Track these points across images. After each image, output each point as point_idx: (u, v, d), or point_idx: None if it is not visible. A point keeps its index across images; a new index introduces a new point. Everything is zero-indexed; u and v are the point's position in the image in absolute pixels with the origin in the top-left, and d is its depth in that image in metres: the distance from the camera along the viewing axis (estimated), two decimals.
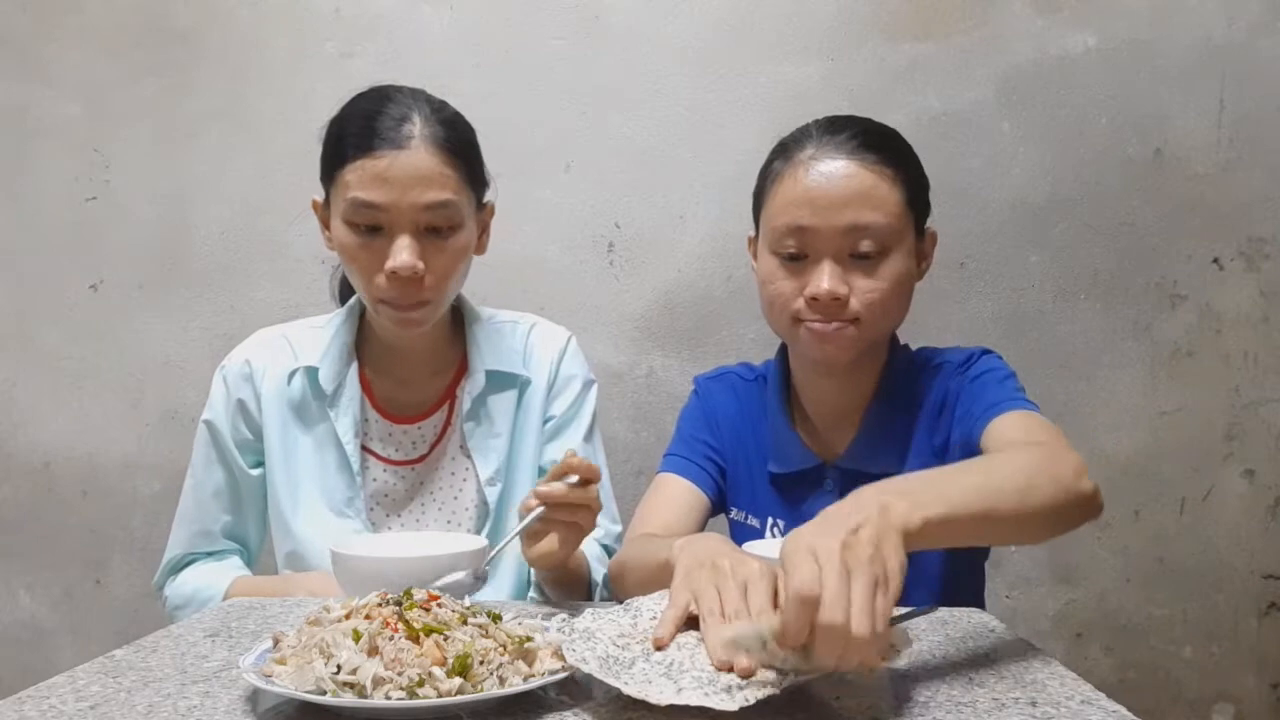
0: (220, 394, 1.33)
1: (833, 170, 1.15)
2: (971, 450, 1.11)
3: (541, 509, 1.03)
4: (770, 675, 0.71)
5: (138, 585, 1.93)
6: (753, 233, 1.28)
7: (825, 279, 1.13)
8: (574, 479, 1.02)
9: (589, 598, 1.26)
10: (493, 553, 1.06)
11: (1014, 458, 0.97)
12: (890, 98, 1.84)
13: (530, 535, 1.07)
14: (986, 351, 1.23)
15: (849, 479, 1.20)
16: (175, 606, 1.31)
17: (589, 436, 1.39)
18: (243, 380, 1.32)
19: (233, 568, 1.33)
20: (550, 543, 1.06)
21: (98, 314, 1.94)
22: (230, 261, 1.92)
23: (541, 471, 1.36)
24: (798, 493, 1.24)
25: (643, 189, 1.89)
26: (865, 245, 1.13)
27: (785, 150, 1.22)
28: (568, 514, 1.04)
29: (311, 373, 1.30)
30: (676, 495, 1.27)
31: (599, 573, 1.27)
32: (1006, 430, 1.08)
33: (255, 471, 1.33)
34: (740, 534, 1.27)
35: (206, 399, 1.34)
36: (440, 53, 1.88)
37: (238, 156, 1.92)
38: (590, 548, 1.29)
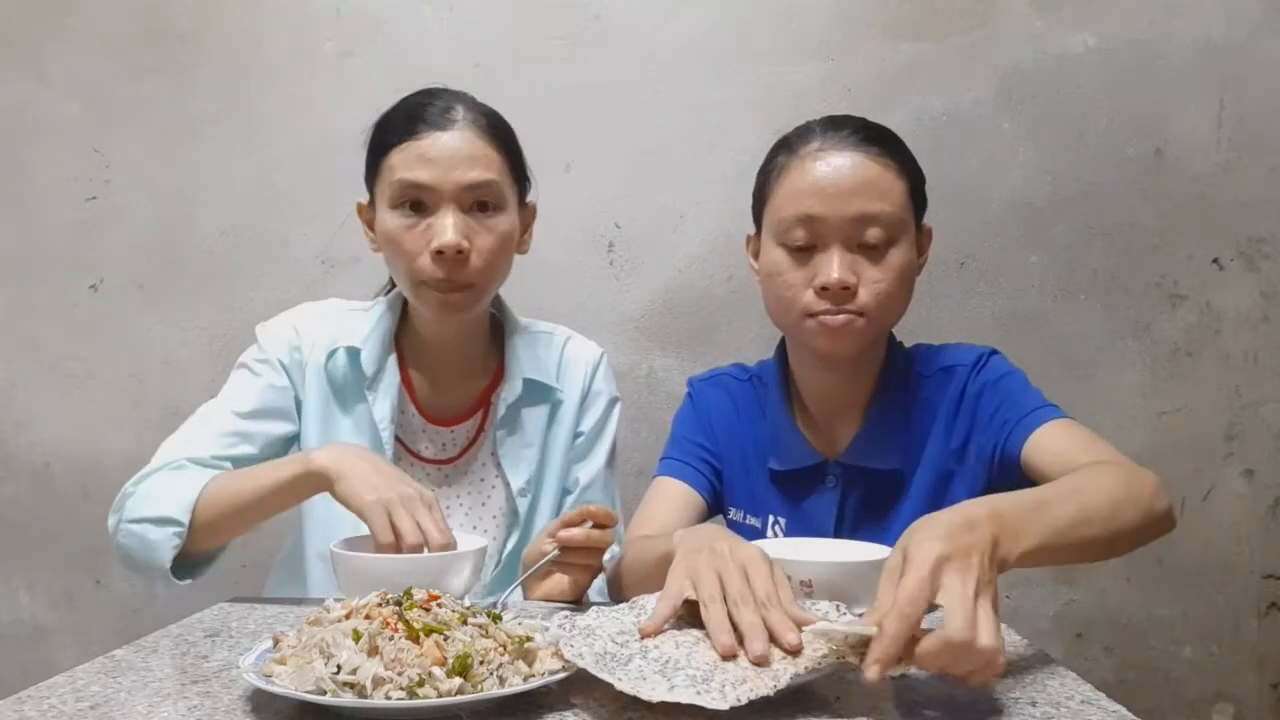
0: (269, 346, 1.30)
1: (840, 161, 1.16)
2: (1010, 460, 1.12)
3: (555, 552, 1.07)
4: (765, 677, 0.71)
5: (138, 585, 1.93)
6: (752, 232, 1.28)
7: (835, 268, 1.13)
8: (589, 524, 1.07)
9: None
10: (505, 594, 1.07)
11: (1100, 483, 0.98)
12: (890, 98, 1.84)
13: (536, 576, 1.11)
14: (994, 352, 1.24)
15: (851, 475, 1.22)
16: (127, 509, 1.15)
17: (610, 461, 1.40)
18: (288, 347, 1.30)
19: (204, 475, 1.15)
20: (558, 584, 1.12)
21: (98, 314, 1.94)
22: (230, 261, 1.92)
23: (565, 491, 1.37)
24: (799, 490, 1.24)
25: (643, 189, 1.89)
26: (873, 234, 1.14)
27: (788, 145, 1.22)
28: (582, 556, 1.08)
29: (353, 353, 1.30)
30: (672, 497, 1.28)
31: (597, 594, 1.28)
32: (1061, 444, 1.10)
33: (286, 427, 1.29)
34: (740, 534, 1.26)
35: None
36: (440, 53, 1.88)
37: (238, 156, 1.92)
38: None
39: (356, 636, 0.75)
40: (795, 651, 0.74)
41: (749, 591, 0.78)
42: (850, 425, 1.24)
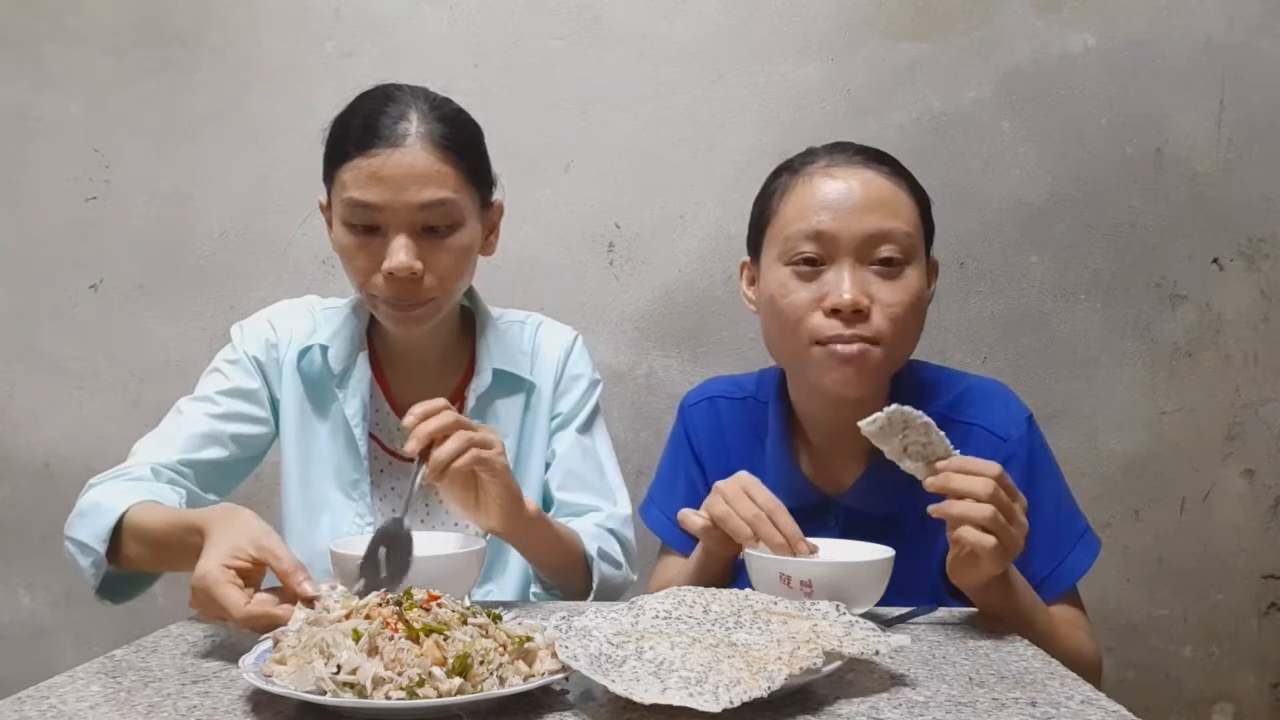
0: (242, 345, 1.31)
1: (850, 177, 1.11)
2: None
3: (422, 466, 1.03)
4: (759, 679, 0.71)
5: None
6: (747, 258, 1.24)
7: (847, 287, 1.08)
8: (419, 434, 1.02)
9: (587, 571, 1.24)
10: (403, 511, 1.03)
11: (1080, 643, 1.11)
12: (890, 98, 1.84)
13: (470, 508, 1.08)
14: (1030, 421, 1.17)
15: (853, 517, 1.17)
16: (69, 523, 1.14)
17: (584, 428, 1.37)
18: (264, 345, 1.30)
19: (146, 490, 1.12)
20: (485, 499, 1.07)
21: (98, 314, 1.94)
22: (230, 261, 1.92)
23: (548, 467, 1.36)
24: (799, 525, 1.19)
25: (643, 189, 1.89)
26: (887, 251, 1.09)
27: (791, 166, 1.18)
28: (465, 460, 1.03)
29: (325, 350, 1.30)
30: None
31: (593, 546, 1.24)
32: (1065, 614, 1.14)
33: (258, 429, 1.29)
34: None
35: None
36: (440, 53, 1.88)
37: (238, 156, 1.92)
38: (585, 525, 1.28)
39: (356, 636, 0.75)
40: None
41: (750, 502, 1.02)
42: (854, 462, 1.18)
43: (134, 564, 1.10)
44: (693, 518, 1.06)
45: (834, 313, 1.09)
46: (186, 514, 1.04)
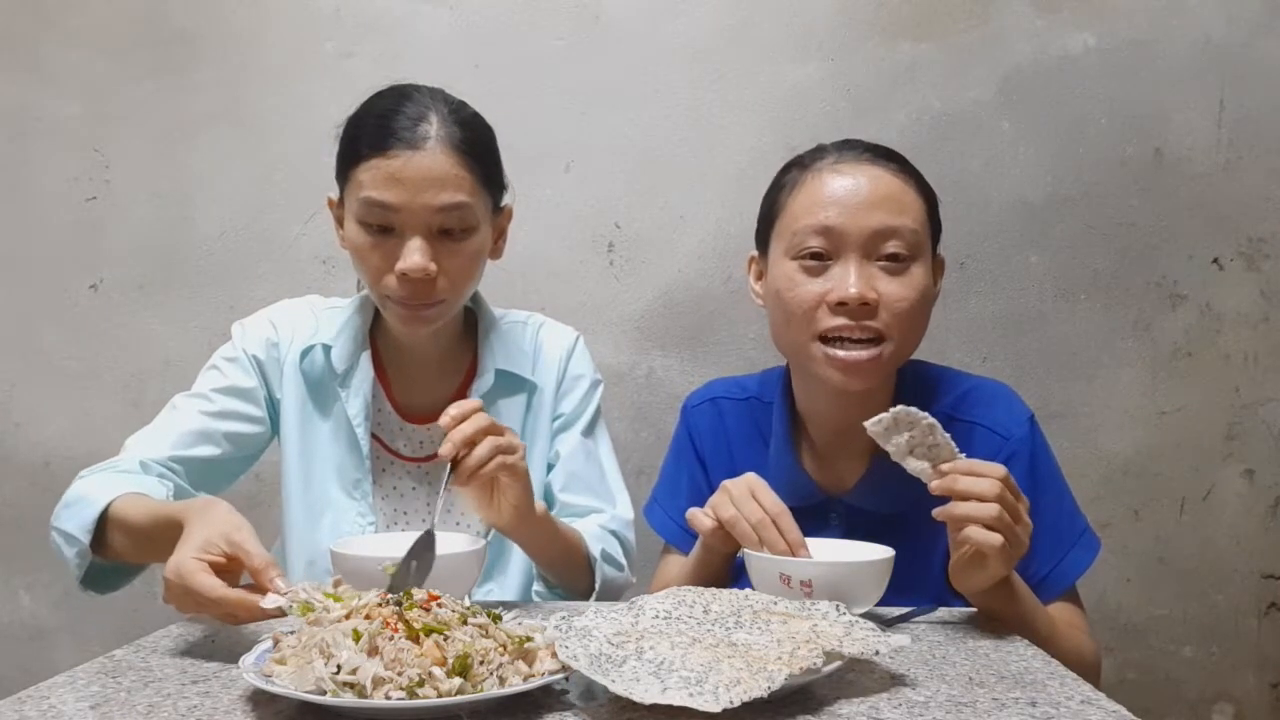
0: (241, 343, 1.31)
1: (859, 173, 1.13)
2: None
3: (449, 470, 1.04)
4: (759, 679, 0.71)
5: (138, 585, 1.91)
6: (755, 253, 1.25)
7: (853, 281, 1.09)
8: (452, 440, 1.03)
9: (589, 571, 1.24)
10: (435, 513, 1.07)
11: (1080, 644, 1.11)
12: (890, 98, 1.84)
13: (484, 506, 1.09)
14: (1033, 422, 1.18)
15: (856, 516, 1.17)
16: (55, 513, 1.13)
17: (588, 430, 1.38)
18: (265, 344, 1.30)
19: (133, 482, 1.12)
20: (500, 500, 1.09)
21: (98, 314, 1.94)
22: (230, 261, 1.92)
23: (550, 468, 1.36)
24: (801, 525, 1.14)
25: (643, 189, 1.89)
26: (894, 246, 1.10)
27: (800, 161, 1.19)
28: (491, 467, 1.05)
29: (327, 350, 1.30)
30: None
31: (597, 547, 1.25)
32: (1061, 614, 1.14)
33: (253, 429, 1.29)
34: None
35: None
36: (440, 53, 1.88)
37: (238, 156, 1.92)
38: (588, 526, 1.29)
39: (356, 636, 0.75)
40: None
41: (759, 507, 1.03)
42: (857, 461, 1.19)
43: (119, 555, 1.10)
44: (700, 517, 1.07)
45: (840, 306, 1.10)
46: (168, 506, 1.05)
